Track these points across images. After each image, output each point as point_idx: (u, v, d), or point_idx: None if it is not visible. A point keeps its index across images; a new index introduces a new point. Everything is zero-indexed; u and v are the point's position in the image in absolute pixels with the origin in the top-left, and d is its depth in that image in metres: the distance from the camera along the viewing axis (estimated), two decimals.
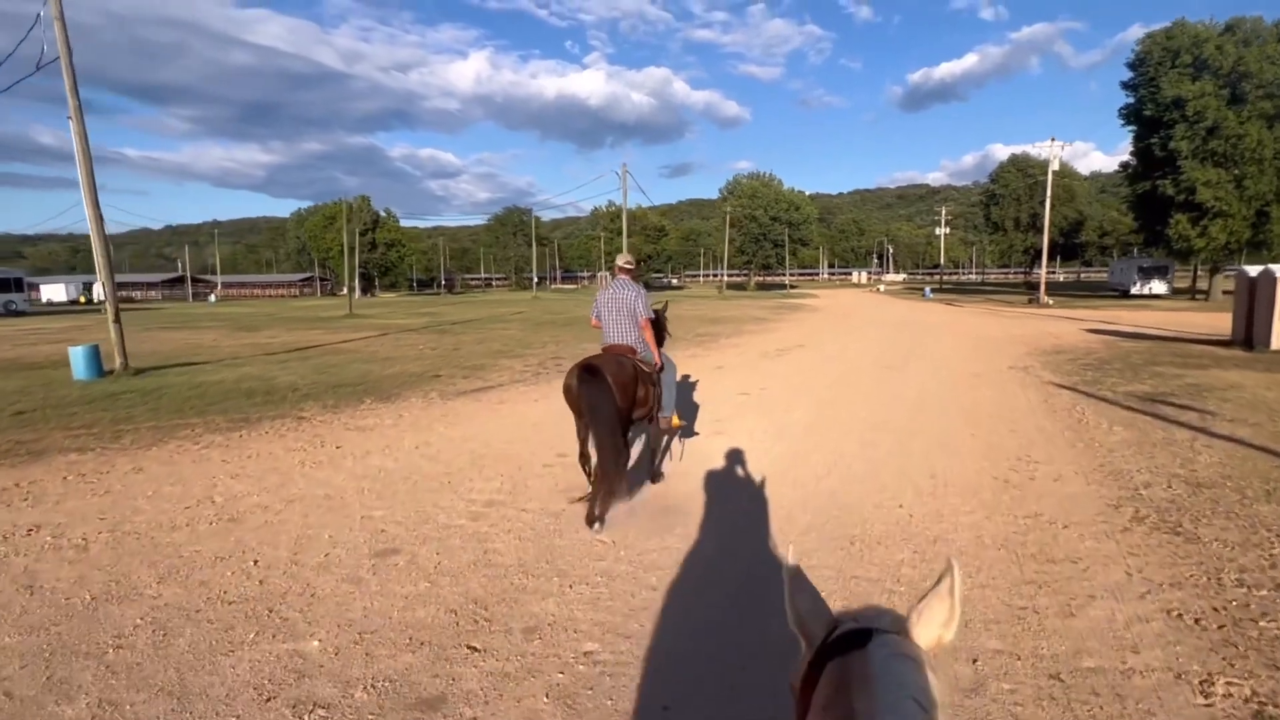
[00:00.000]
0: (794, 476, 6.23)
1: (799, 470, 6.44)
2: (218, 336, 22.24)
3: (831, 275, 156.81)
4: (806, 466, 6.56)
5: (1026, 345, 17.40)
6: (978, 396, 10.17)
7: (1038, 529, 4.90)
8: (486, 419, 8.83)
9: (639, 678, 3.15)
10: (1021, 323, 25.95)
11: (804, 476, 6.23)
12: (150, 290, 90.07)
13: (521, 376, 12.47)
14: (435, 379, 12.05)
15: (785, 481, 6.08)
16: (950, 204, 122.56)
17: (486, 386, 11.35)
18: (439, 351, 16.62)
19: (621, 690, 3.06)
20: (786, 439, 7.69)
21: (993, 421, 8.44)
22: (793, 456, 6.93)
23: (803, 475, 6.27)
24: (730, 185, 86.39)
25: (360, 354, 16.25)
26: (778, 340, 19.81)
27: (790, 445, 7.41)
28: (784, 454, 7.05)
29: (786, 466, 6.58)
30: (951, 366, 13.56)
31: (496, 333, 22.58)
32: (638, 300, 5.87)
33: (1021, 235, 72.87)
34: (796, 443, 7.51)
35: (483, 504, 5.53)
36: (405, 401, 9.98)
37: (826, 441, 7.52)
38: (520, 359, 14.97)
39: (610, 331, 5.97)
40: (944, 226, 79.70)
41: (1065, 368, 13.10)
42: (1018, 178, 70.93)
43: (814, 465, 6.60)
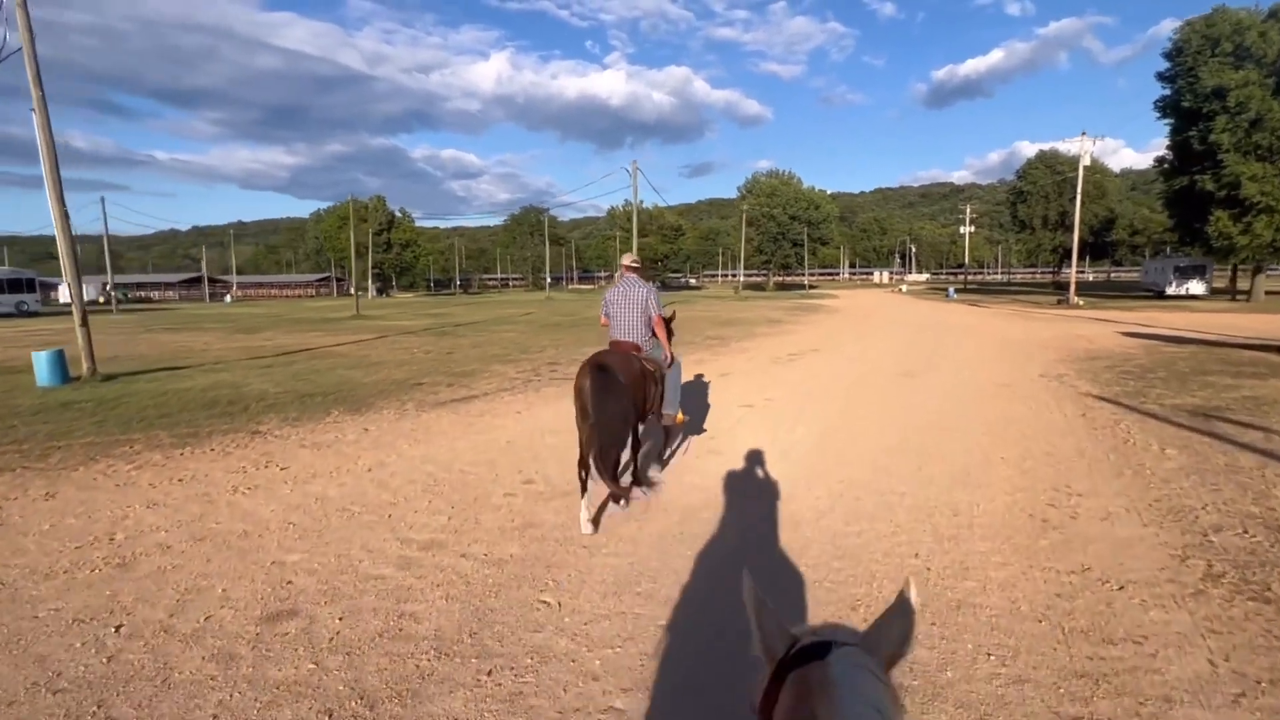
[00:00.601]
0: (791, 512, 5.32)
1: (797, 503, 5.53)
2: (214, 339, 21.76)
3: (852, 275, 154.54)
4: (807, 499, 5.64)
5: (1058, 350, 16.24)
6: (1007, 411, 9.15)
7: (1087, 590, 3.95)
8: (457, 435, 8.01)
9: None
10: (1051, 325, 24.66)
11: (802, 512, 5.31)
12: (168, 290, 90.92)
13: (510, 384, 11.66)
14: (417, 387, 11.28)
15: (781, 519, 5.18)
16: (975, 202, 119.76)
17: (469, 396, 10.56)
18: (432, 356, 15.90)
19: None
20: (788, 462, 6.77)
21: (1025, 442, 7.44)
22: (792, 485, 6.01)
23: (801, 511, 5.36)
24: (749, 184, 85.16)
25: (349, 358, 15.57)
26: (791, 344, 18.82)
27: (791, 470, 6.50)
28: (783, 481, 6.14)
29: (784, 498, 5.67)
30: (976, 374, 12.51)
31: (498, 335, 21.85)
32: (649, 297, 5.90)
33: (1050, 234, 70.77)
34: (798, 466, 6.59)
35: (420, 545, 4.70)
36: (376, 413, 9.21)
37: (833, 466, 6.59)
38: (514, 364, 14.17)
39: (618, 329, 5.96)
40: (969, 225, 77.69)
41: (1103, 376, 11.99)
42: (1046, 174, 68.85)
43: (816, 497, 5.68)
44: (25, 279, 41.44)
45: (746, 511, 5.35)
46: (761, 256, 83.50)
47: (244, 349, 17.95)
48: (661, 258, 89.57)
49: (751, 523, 5.12)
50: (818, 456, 6.95)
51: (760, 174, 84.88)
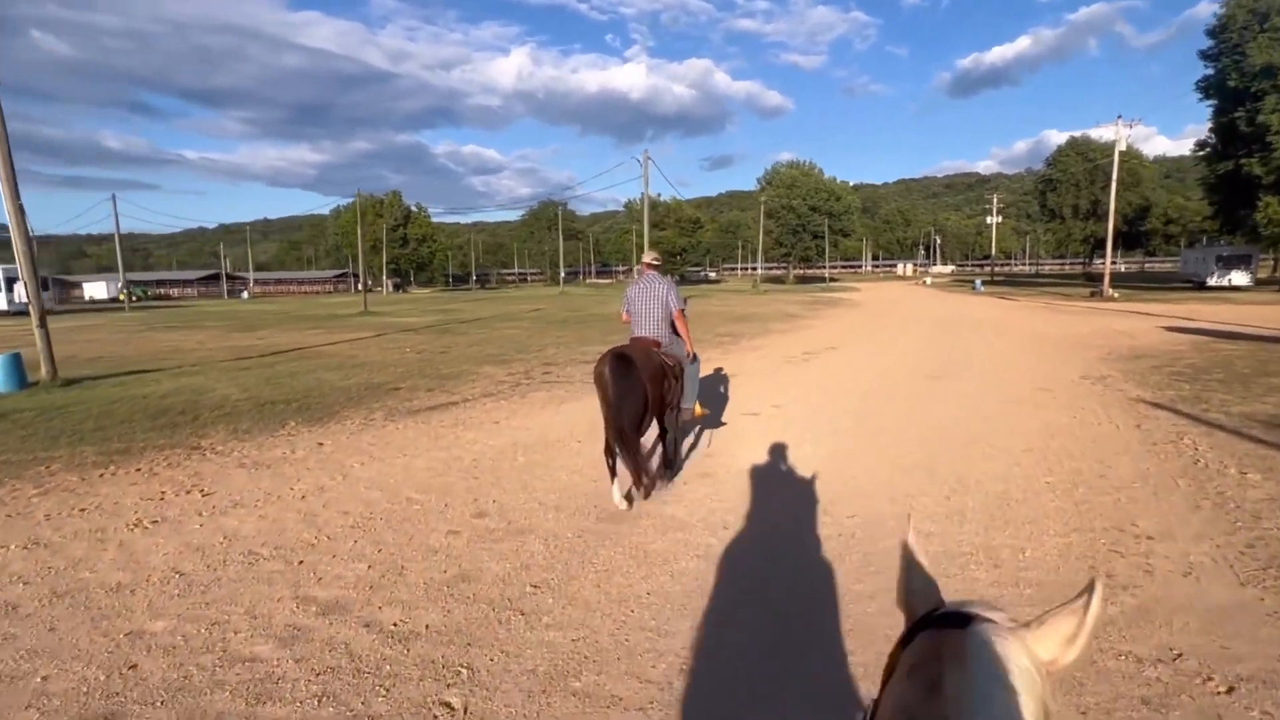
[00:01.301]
0: (791, 564, 4.32)
1: (799, 550, 4.53)
2: (209, 337, 21.16)
3: (875, 268, 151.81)
4: (809, 543, 4.63)
5: (1097, 348, 14.95)
6: (1048, 421, 8.02)
7: (1184, 694, 2.90)
8: (419, 451, 7.09)
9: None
10: (1086, 319, 23.21)
11: (804, 564, 4.30)
12: (187, 288, 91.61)
13: (496, 389, 10.74)
14: (393, 392, 10.40)
15: (775, 571, 4.18)
16: (1002, 192, 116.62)
17: (448, 403, 9.65)
18: (423, 355, 15.05)
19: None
20: (790, 490, 5.76)
21: (1072, 461, 6.34)
22: (795, 523, 5.00)
23: (803, 561, 4.35)
24: (768, 175, 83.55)
25: (336, 359, 14.78)
26: (807, 341, 17.69)
27: (794, 500, 5.48)
28: (783, 519, 5.13)
29: (783, 543, 4.66)
30: (1009, 377, 11.34)
31: (500, 333, 20.98)
32: (669, 293, 5.99)
33: (1081, 223, 68.49)
34: (803, 497, 5.56)
35: (320, 608, 3.77)
36: (338, 424, 8.33)
37: (844, 495, 5.56)
38: (507, 365, 13.26)
39: (639, 325, 6.02)
40: (996, 215, 75.37)
41: (1152, 378, 10.76)
42: (1077, 162, 66.51)
43: (822, 540, 4.66)
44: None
45: (735, 564, 4.35)
46: (781, 249, 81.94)
47: (233, 348, 17.27)
48: (679, 251, 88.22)
49: (739, 583, 4.11)
50: (826, 481, 5.91)
51: (780, 165, 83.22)
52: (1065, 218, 69.48)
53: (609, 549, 4.54)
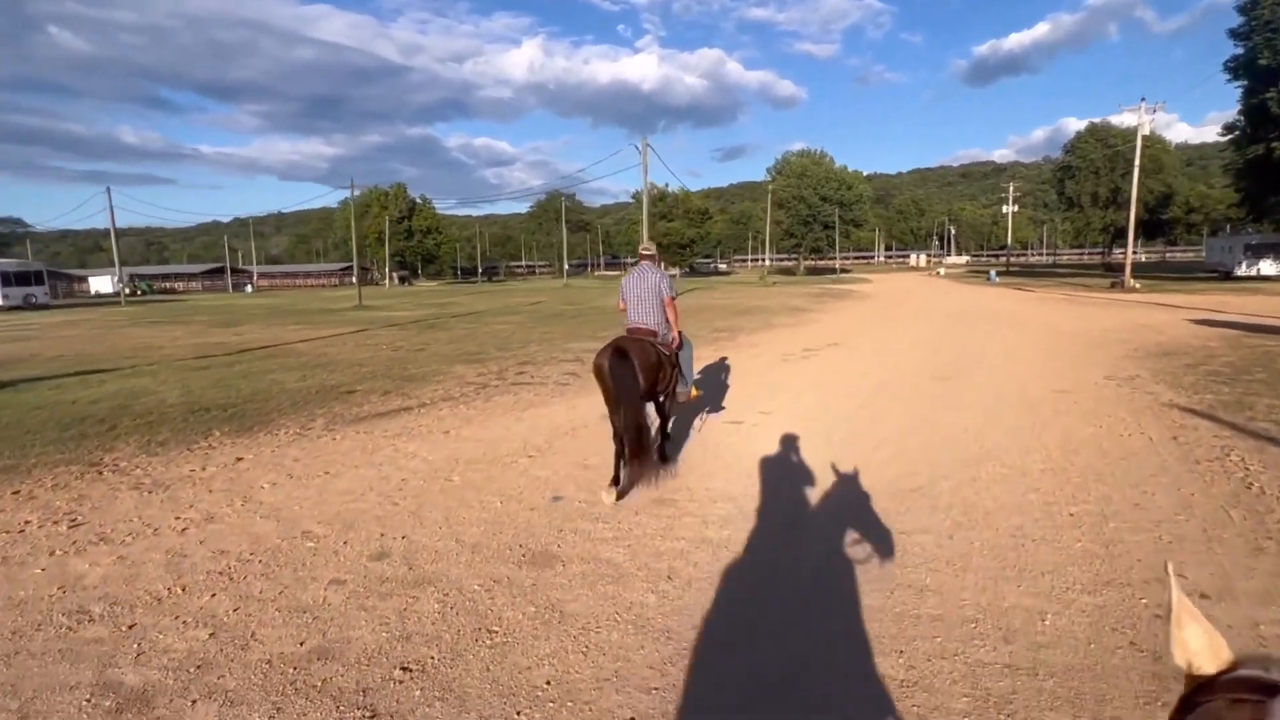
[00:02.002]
0: (755, 621, 3.39)
1: (773, 598, 3.61)
2: (187, 334, 20.45)
3: (888, 258, 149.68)
4: (785, 590, 3.71)
5: (1122, 344, 13.84)
6: (1070, 432, 7.02)
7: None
8: (345, 468, 6.22)
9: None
10: (1107, 312, 21.98)
11: (773, 625, 3.38)
12: (191, 281, 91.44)
13: (460, 391, 9.86)
14: (347, 395, 9.55)
15: (727, 659, 3.25)
16: (1019, 181, 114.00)
17: (403, 407, 8.79)
18: (398, 353, 14.20)
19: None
20: (767, 522, 4.82)
21: (1100, 485, 5.36)
22: (772, 567, 4.08)
23: (773, 611, 3.42)
24: (778, 164, 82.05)
25: (304, 357, 13.97)
26: (809, 337, 16.68)
27: (766, 536, 4.55)
28: (758, 562, 4.20)
29: (750, 591, 3.74)
30: (1025, 377, 10.31)
31: (488, 328, 20.11)
32: (661, 282, 6.17)
33: (1100, 212, 66.56)
34: (774, 532, 4.63)
35: (117, 702, 2.89)
36: (270, 434, 7.48)
37: (827, 532, 4.62)
38: (481, 364, 12.38)
39: (634, 314, 6.16)
40: (1012, 204, 73.50)
41: (1185, 379, 9.70)
42: (1097, 148, 64.58)
43: (795, 589, 3.73)
44: (34, 272, 41.06)
45: (673, 639, 3.43)
46: (791, 240, 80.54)
47: (204, 345, 16.51)
48: (688, 242, 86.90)
49: (670, 670, 3.19)
50: (810, 514, 4.98)
51: (790, 154, 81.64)
52: (1084, 206, 67.51)
53: (517, 609, 3.63)
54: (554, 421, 7.97)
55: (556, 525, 4.76)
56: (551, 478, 5.84)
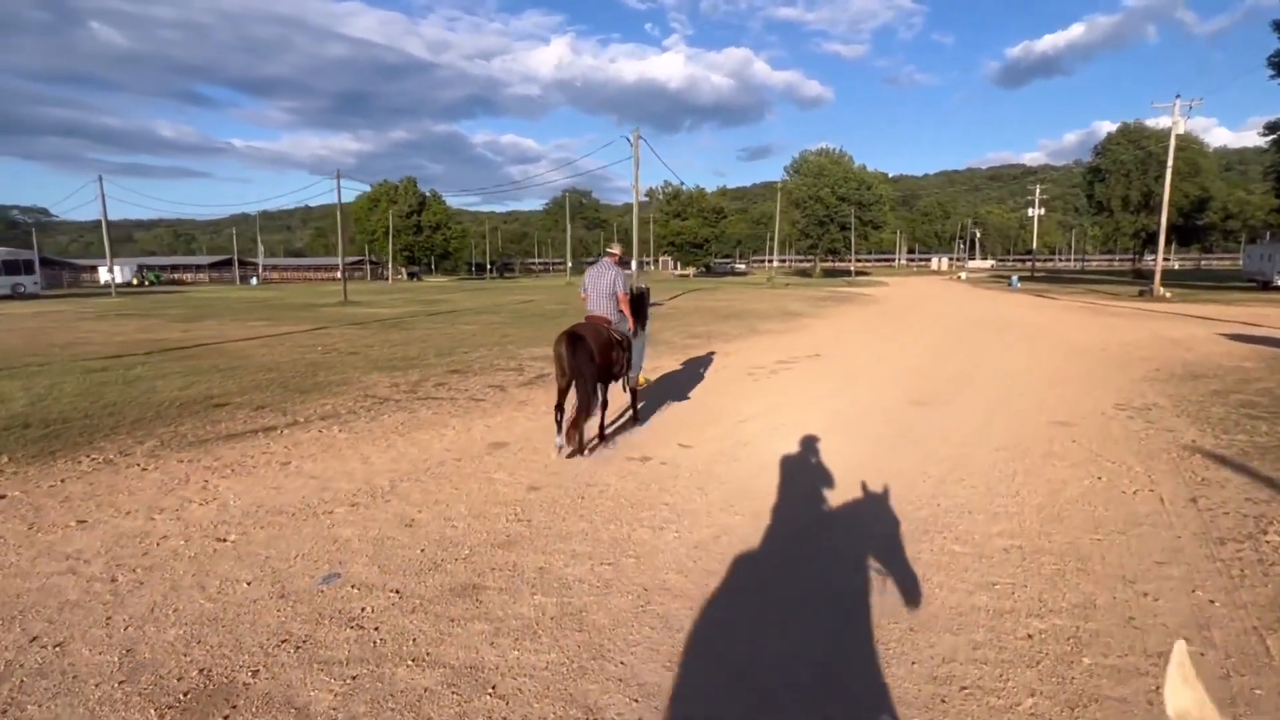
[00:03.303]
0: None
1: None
2: (140, 328, 19.40)
3: (910, 261, 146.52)
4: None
5: (1142, 361, 12.13)
6: (1056, 488, 5.48)
7: None
8: (105, 518, 4.88)
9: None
10: (1132, 323, 20.09)
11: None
12: (200, 273, 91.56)
13: (351, 408, 8.51)
14: (215, 409, 8.25)
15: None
16: (1049, 184, 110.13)
17: (266, 427, 7.46)
18: (327, 356, 12.91)
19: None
20: (617, 637, 3.37)
21: (1083, 583, 3.84)
22: None
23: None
24: (796, 163, 80.00)
25: (222, 359, 12.75)
26: (791, 346, 15.12)
27: (611, 663, 3.11)
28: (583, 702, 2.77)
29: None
30: (1022, 404, 8.71)
31: (452, 329, 18.78)
32: (615, 280, 7.01)
33: (1131, 216, 63.73)
34: (627, 654, 3.19)
35: None
36: (70, 461, 6.18)
37: (709, 629, 3.16)
38: (404, 373, 11.03)
39: (592, 305, 7.05)
40: (1038, 206, 70.70)
41: (1213, 410, 8.06)
42: (1128, 150, 61.78)
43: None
44: (23, 260, 40.56)
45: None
46: (807, 240, 78.51)
47: (132, 343, 15.38)
48: (702, 241, 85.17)
49: None
50: (672, 614, 3.52)
51: (809, 152, 79.53)
52: (1114, 210, 64.64)
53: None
54: (428, 451, 6.59)
55: (288, 630, 3.36)
56: (352, 542, 4.45)
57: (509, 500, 5.21)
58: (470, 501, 5.20)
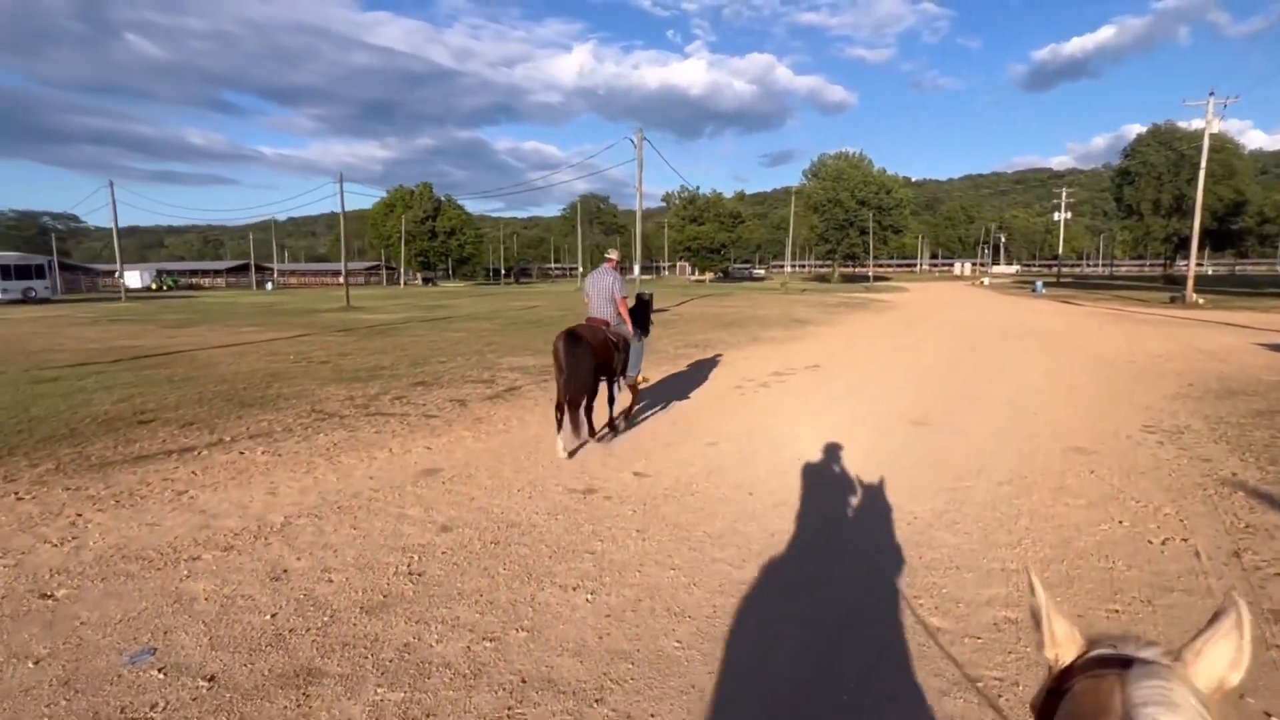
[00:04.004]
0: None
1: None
2: (118, 335, 18.95)
3: (933, 267, 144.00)
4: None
5: (1174, 375, 11.06)
6: (1070, 534, 4.57)
7: None
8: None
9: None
10: (1162, 332, 18.85)
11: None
12: (217, 278, 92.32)
13: (291, 425, 7.80)
14: (138, 427, 7.58)
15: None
16: (1076, 189, 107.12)
17: (184, 448, 6.77)
18: (295, 365, 12.26)
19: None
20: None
21: None
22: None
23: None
24: (814, 166, 78.70)
25: (178, 369, 12.16)
26: (791, 356, 14.22)
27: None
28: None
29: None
30: (1034, 425, 7.76)
31: (439, 335, 18.11)
32: (614, 284, 7.32)
33: (1161, 220, 61.56)
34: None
35: None
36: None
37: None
38: (365, 385, 10.32)
39: (592, 308, 7.34)
40: (1065, 210, 68.72)
41: (1255, 435, 7.06)
42: (1159, 152, 59.72)
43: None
44: (35, 265, 40.78)
45: None
46: (825, 245, 77.15)
47: (113, 349, 14.89)
48: (719, 247, 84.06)
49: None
50: None
51: (827, 155, 78.18)
52: (1144, 214, 62.47)
53: None
54: (348, 479, 5.84)
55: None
56: (198, 601, 3.69)
57: (410, 545, 4.43)
58: (363, 546, 4.42)
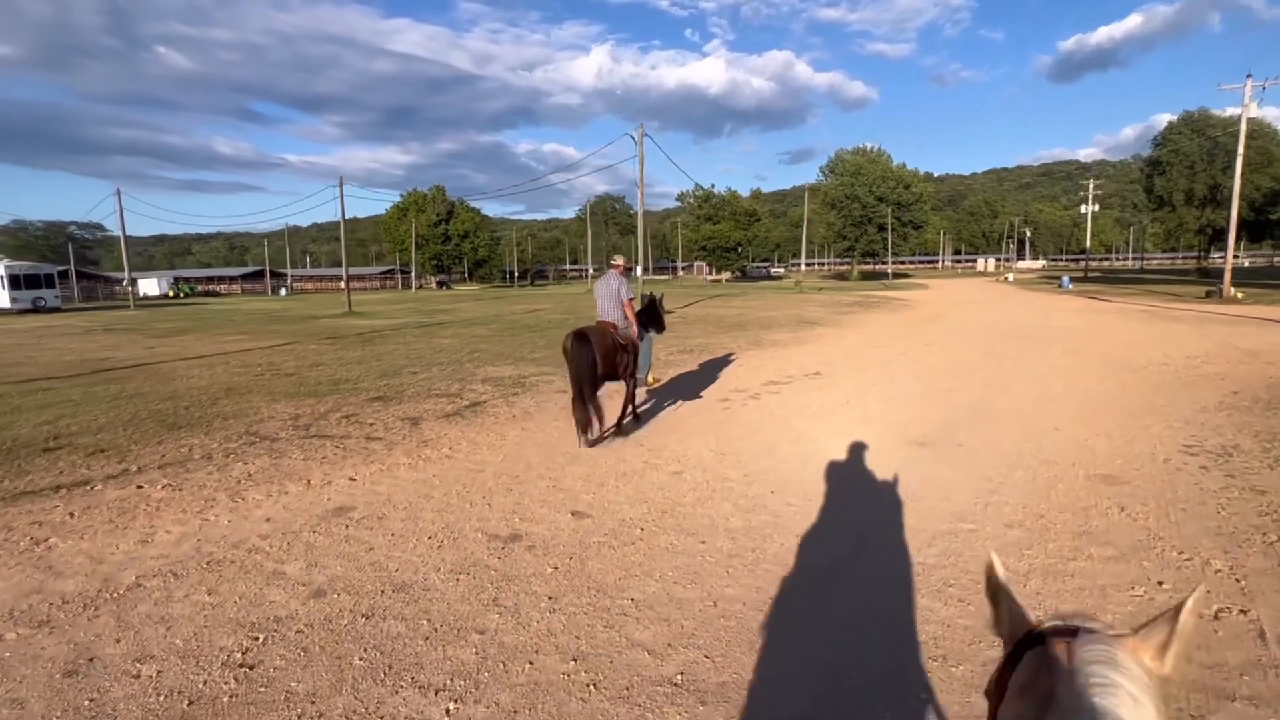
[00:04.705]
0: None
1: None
2: (98, 347, 18.43)
3: (955, 263, 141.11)
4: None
5: (1216, 381, 9.91)
6: (1091, 600, 3.60)
7: None
8: None
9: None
10: (1199, 330, 17.51)
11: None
12: (233, 284, 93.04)
13: (212, 453, 7.04)
14: (30, 457, 6.84)
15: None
16: (1105, 180, 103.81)
17: (76, 482, 6.03)
18: (257, 380, 11.54)
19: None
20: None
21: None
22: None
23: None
24: (831, 162, 77.18)
25: (132, 382, 11.51)
26: (790, 362, 13.22)
27: None
28: None
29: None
30: (1053, 446, 6.74)
31: (425, 343, 17.35)
32: (621, 287, 7.62)
33: (1195, 211, 59.14)
34: None
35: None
36: None
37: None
38: (322, 401, 9.54)
39: (601, 311, 7.63)
40: (1093, 203, 66.49)
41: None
42: (1192, 140, 57.37)
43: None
44: (44, 274, 40.84)
45: None
46: (843, 243, 75.57)
47: (83, 361, 14.35)
48: (734, 245, 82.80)
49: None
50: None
51: (844, 151, 76.60)
52: (1176, 205, 60.08)
53: None
54: (242, 522, 5.03)
55: None
56: None
57: (263, 620, 3.59)
58: (205, 621, 3.59)
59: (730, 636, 3.40)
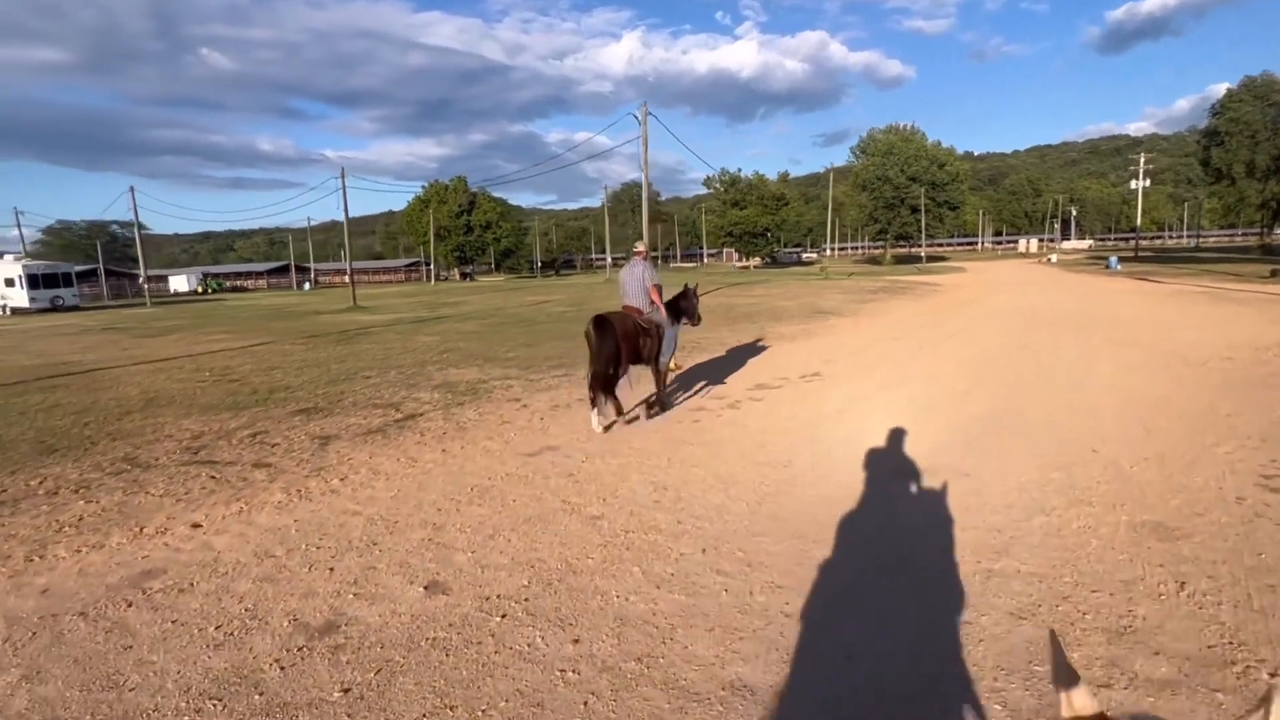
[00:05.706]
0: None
1: None
2: (94, 345, 17.89)
3: (996, 244, 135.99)
4: None
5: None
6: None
7: None
8: None
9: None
10: (1266, 314, 15.49)
11: None
12: (259, 279, 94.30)
13: (54, 489, 5.98)
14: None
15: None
16: (1156, 155, 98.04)
17: None
18: (199, 384, 10.55)
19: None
20: None
21: None
22: None
23: None
24: (863, 143, 74.27)
25: (70, 392, 10.65)
26: (791, 359, 11.78)
27: None
28: None
29: None
30: (1087, 478, 5.26)
31: (406, 341, 16.28)
32: (645, 273, 7.78)
33: (1257, 184, 55.07)
34: None
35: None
36: None
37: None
38: (239, 415, 8.46)
39: (626, 296, 7.83)
40: (1143, 178, 62.54)
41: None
42: (1255, 107, 53.36)
43: None
44: (62, 273, 41.16)
45: None
46: (875, 225, 72.79)
47: (48, 365, 13.56)
48: (762, 230, 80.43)
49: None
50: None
51: (877, 130, 73.56)
52: (1236, 178, 56.03)
53: None
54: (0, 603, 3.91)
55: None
56: None
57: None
58: None
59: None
